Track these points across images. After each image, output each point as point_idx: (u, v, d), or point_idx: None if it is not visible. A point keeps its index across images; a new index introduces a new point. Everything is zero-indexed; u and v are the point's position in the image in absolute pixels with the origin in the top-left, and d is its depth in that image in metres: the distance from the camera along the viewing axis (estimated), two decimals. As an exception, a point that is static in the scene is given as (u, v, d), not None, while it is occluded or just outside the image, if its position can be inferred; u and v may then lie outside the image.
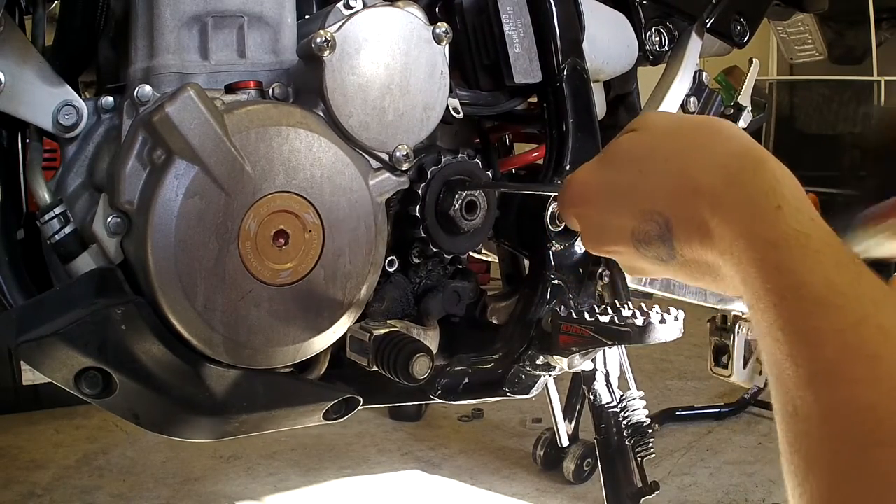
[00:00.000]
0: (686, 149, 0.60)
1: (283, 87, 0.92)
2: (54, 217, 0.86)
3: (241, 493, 2.40)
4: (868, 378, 0.46)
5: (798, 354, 0.49)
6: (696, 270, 0.60)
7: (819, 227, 0.53)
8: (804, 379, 0.48)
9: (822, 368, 0.48)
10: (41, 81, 0.87)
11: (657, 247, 0.60)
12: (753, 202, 0.54)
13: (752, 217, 0.54)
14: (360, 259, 0.91)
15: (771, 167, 0.56)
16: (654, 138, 0.63)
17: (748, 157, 0.57)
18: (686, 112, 1.32)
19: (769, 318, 0.51)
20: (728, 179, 0.56)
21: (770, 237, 0.52)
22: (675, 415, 2.91)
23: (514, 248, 1.17)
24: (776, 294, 0.51)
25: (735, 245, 0.54)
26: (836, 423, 0.46)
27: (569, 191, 0.67)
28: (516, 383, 1.10)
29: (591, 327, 1.00)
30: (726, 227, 0.55)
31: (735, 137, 0.60)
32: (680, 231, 0.59)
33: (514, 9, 1.04)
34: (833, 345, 0.48)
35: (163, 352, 0.84)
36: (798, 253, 0.51)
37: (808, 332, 0.49)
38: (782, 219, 0.52)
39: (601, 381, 1.93)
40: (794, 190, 0.55)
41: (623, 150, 0.65)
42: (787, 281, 0.50)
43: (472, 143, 1.14)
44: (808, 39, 3.94)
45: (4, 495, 2.33)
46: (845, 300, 0.48)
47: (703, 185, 0.57)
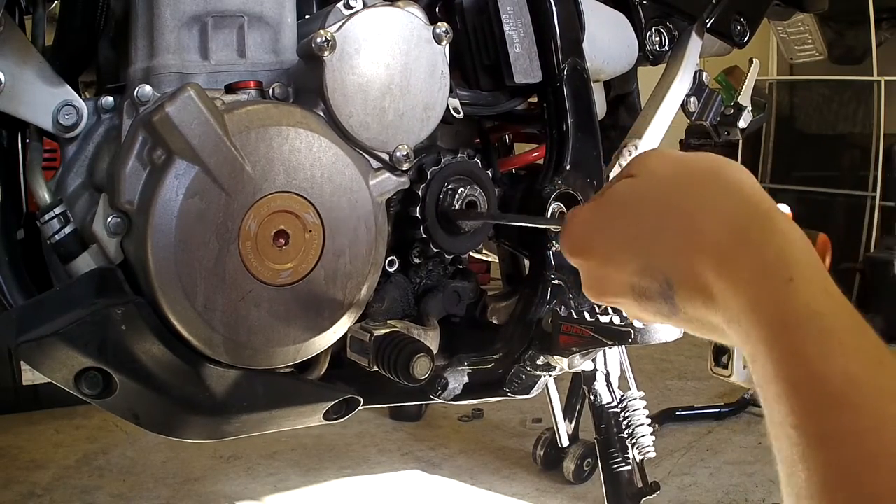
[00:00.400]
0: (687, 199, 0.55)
1: (283, 87, 0.92)
2: (54, 217, 0.86)
3: (241, 493, 2.40)
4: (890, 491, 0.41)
5: (813, 457, 0.44)
6: (702, 328, 0.56)
7: (836, 302, 0.48)
8: (817, 486, 0.44)
9: (838, 478, 0.43)
10: (41, 81, 0.87)
11: (659, 303, 0.56)
12: (762, 271, 0.49)
13: (761, 289, 0.49)
14: (360, 259, 0.91)
15: (780, 224, 0.51)
16: (655, 187, 0.58)
17: (755, 210, 0.52)
18: (686, 112, 1.32)
19: (782, 409, 0.46)
20: (734, 238, 0.51)
21: (780, 316, 0.47)
22: (675, 415, 2.90)
23: (515, 248, 1.16)
24: (789, 384, 0.46)
25: (742, 317, 0.50)
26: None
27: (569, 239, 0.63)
28: (516, 383, 1.10)
29: (592, 327, 1.00)
30: (732, 297, 0.50)
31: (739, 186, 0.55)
32: (682, 290, 0.54)
33: (514, 9, 1.04)
34: (850, 450, 0.43)
35: (163, 352, 0.84)
36: (812, 337, 0.46)
37: (823, 435, 0.44)
38: (794, 295, 0.48)
39: (601, 381, 1.94)
40: (806, 254, 0.50)
41: (621, 198, 0.60)
42: (799, 371, 0.46)
43: (472, 143, 1.14)
44: (808, 39, 3.94)
45: (4, 495, 2.33)
46: (864, 398, 0.44)
47: (706, 243, 0.52)
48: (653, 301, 0.57)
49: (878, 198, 4.25)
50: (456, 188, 1.00)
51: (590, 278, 0.62)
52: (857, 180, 4.40)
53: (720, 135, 1.38)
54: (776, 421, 0.47)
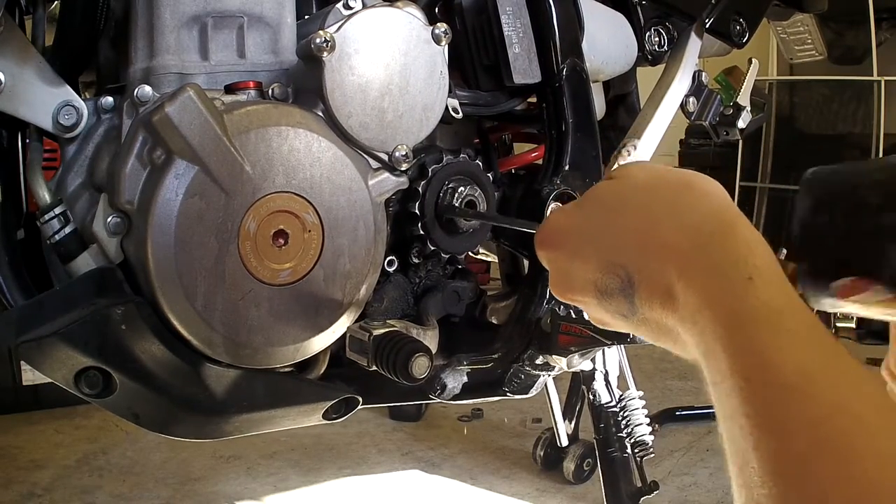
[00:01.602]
0: (658, 204, 0.57)
1: (282, 87, 0.92)
2: (54, 217, 0.86)
3: (241, 493, 2.40)
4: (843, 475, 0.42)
5: (765, 447, 0.44)
6: (656, 331, 0.57)
7: (792, 301, 0.49)
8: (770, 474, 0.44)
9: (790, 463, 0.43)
10: (41, 81, 0.87)
11: (619, 301, 0.57)
12: (722, 271, 0.50)
13: (720, 287, 0.50)
14: (359, 259, 0.91)
15: (743, 232, 0.53)
16: (629, 189, 0.60)
17: (720, 218, 0.54)
18: (686, 112, 1.32)
19: (734, 402, 0.47)
20: (697, 241, 0.53)
21: (738, 312, 0.48)
22: (675, 415, 2.90)
23: (514, 248, 1.17)
24: (741, 376, 0.47)
25: (699, 315, 0.50)
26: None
27: (541, 232, 0.64)
28: (516, 383, 1.11)
29: (591, 327, 1.01)
30: (691, 294, 0.51)
31: (710, 196, 0.56)
32: (642, 289, 0.55)
33: (513, 9, 1.04)
34: (804, 438, 0.43)
35: (163, 351, 0.84)
36: (767, 332, 0.47)
37: (777, 423, 0.44)
38: (752, 292, 0.49)
39: (600, 380, 1.94)
40: (767, 259, 0.51)
41: (597, 197, 0.62)
42: (754, 363, 0.46)
43: (471, 143, 1.14)
44: (807, 39, 3.94)
45: (4, 495, 2.33)
46: (818, 388, 0.44)
47: (670, 245, 0.54)
48: (613, 299, 0.58)
49: (878, 198, 4.24)
50: (456, 187, 1.01)
51: (556, 274, 0.63)
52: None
53: (719, 135, 1.39)
54: (727, 415, 0.47)
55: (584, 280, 0.59)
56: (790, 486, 0.43)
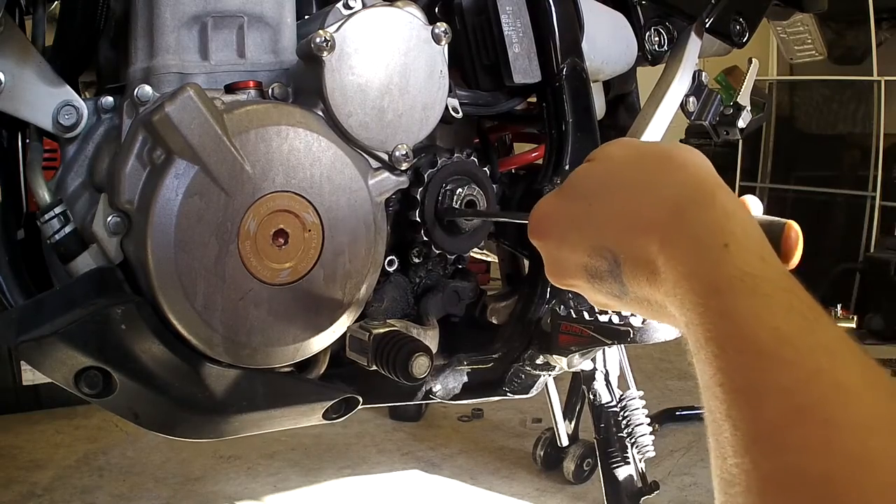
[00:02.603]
0: (636, 182, 0.57)
1: (282, 87, 0.92)
2: (54, 217, 0.86)
3: (241, 493, 2.40)
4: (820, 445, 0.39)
5: (738, 416, 0.43)
6: (650, 307, 0.56)
7: (771, 267, 0.48)
8: (743, 444, 0.42)
9: (763, 432, 0.41)
10: (41, 81, 0.87)
11: (609, 283, 0.57)
12: (699, 240, 0.50)
13: (697, 257, 0.49)
14: (359, 258, 0.91)
15: (721, 200, 0.52)
16: (608, 170, 0.60)
17: (698, 189, 0.53)
18: (686, 112, 1.32)
19: (709, 370, 0.45)
20: (675, 214, 0.52)
21: (713, 279, 0.47)
22: (675, 415, 2.90)
23: (514, 247, 1.17)
24: (716, 344, 0.45)
25: (678, 287, 0.50)
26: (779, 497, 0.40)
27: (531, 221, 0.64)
28: (516, 383, 1.11)
29: (591, 327, 1.01)
30: (670, 266, 0.51)
31: (688, 167, 0.56)
32: (628, 268, 0.55)
33: (513, 9, 1.04)
34: (777, 405, 0.41)
35: (163, 351, 0.84)
36: (743, 298, 0.46)
37: (749, 389, 0.43)
38: (728, 259, 0.48)
39: (601, 380, 1.94)
40: (745, 227, 0.50)
41: (577, 182, 0.62)
42: (729, 330, 0.45)
43: (471, 142, 1.14)
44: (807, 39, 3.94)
45: (4, 495, 2.33)
46: (795, 353, 0.42)
47: (650, 220, 0.53)
48: (604, 281, 0.58)
49: (878, 198, 4.25)
50: (454, 189, 1.01)
51: (549, 261, 0.64)
52: (857, 180, 4.41)
53: (719, 135, 1.39)
54: (706, 384, 0.46)
55: (574, 266, 0.60)
56: (763, 456, 0.41)
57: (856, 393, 0.41)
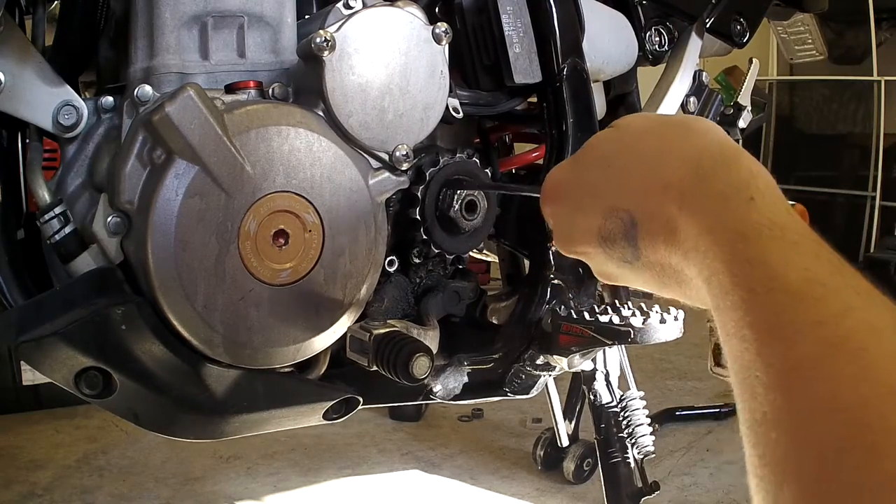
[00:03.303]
0: (657, 147, 0.57)
1: (283, 87, 0.92)
2: (54, 217, 0.86)
3: (241, 493, 2.40)
4: (855, 374, 0.39)
5: (769, 352, 0.43)
6: (661, 274, 0.56)
7: (796, 220, 0.48)
8: (775, 379, 0.42)
9: (797, 365, 0.41)
10: (41, 81, 0.87)
11: (622, 247, 0.57)
12: (723, 195, 0.50)
13: (722, 209, 0.49)
14: (359, 259, 0.91)
15: (746, 162, 0.53)
16: (628, 136, 0.60)
17: (722, 152, 0.54)
18: (686, 112, 1.32)
19: (737, 314, 0.45)
20: (698, 174, 0.53)
21: (740, 228, 0.48)
22: (675, 415, 2.91)
23: (514, 247, 1.17)
24: (745, 287, 0.45)
25: (701, 240, 0.50)
26: (815, 427, 0.39)
27: (543, 189, 0.65)
28: (516, 383, 1.11)
29: (591, 327, 1.01)
30: (693, 222, 0.51)
31: (710, 133, 0.57)
32: (644, 229, 0.55)
33: (513, 9, 1.04)
34: (812, 339, 0.41)
35: (163, 352, 0.84)
36: (771, 244, 0.46)
37: (782, 326, 0.43)
38: (755, 209, 0.48)
39: (601, 380, 1.94)
40: (769, 185, 0.51)
41: (596, 147, 0.62)
42: (759, 273, 0.45)
43: (472, 142, 1.14)
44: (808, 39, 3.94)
45: (4, 495, 2.33)
46: (825, 291, 0.43)
47: (671, 181, 0.54)
48: (617, 245, 0.58)
49: (878, 198, 4.25)
50: (458, 179, 1.00)
51: (559, 226, 0.64)
52: (857, 180, 4.41)
53: (720, 135, 1.38)
54: (731, 331, 0.46)
55: (587, 229, 0.60)
56: (798, 390, 0.41)
57: (886, 329, 0.41)
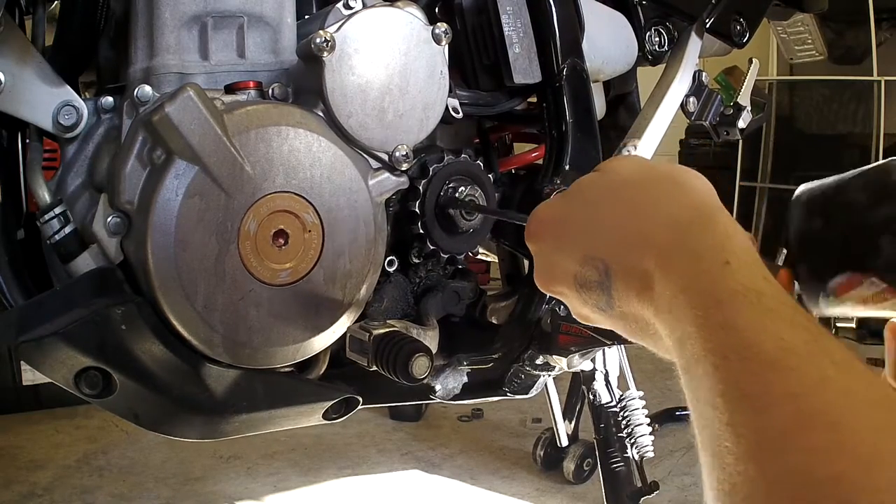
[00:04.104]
0: (639, 198, 0.57)
1: (282, 87, 0.92)
2: (54, 217, 0.86)
3: (241, 493, 2.40)
4: (828, 447, 0.38)
5: (740, 422, 0.42)
6: (633, 325, 0.57)
7: (772, 286, 0.47)
8: (746, 450, 0.41)
9: (769, 437, 0.40)
10: (41, 81, 0.87)
11: (597, 295, 0.57)
12: (698, 257, 0.50)
13: (697, 272, 0.49)
14: (359, 259, 0.91)
15: (722, 222, 0.52)
16: (612, 184, 0.60)
17: (700, 210, 0.54)
18: (686, 112, 1.32)
19: (707, 382, 0.44)
20: (675, 232, 0.52)
21: (714, 293, 0.47)
22: (675, 415, 2.91)
23: (514, 248, 1.17)
24: (718, 354, 0.44)
25: (675, 302, 0.49)
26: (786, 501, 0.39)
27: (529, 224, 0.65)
28: (516, 383, 1.11)
29: (591, 327, 1.00)
30: (668, 283, 0.50)
31: (692, 188, 0.56)
32: (619, 281, 0.55)
33: (513, 9, 1.04)
34: (785, 410, 0.40)
35: (163, 352, 0.84)
36: (746, 310, 0.45)
37: (755, 396, 0.42)
38: (730, 274, 0.47)
39: (601, 380, 1.94)
40: (745, 247, 0.50)
41: (581, 191, 0.62)
42: (732, 340, 0.44)
43: (471, 143, 1.14)
44: (808, 39, 3.94)
45: (4, 495, 2.33)
46: (800, 361, 0.42)
47: (649, 236, 0.53)
48: (592, 292, 0.58)
49: (878, 198, 4.24)
50: (456, 187, 1.01)
51: (540, 264, 0.64)
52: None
53: (719, 135, 1.38)
54: (701, 398, 0.45)
55: (565, 272, 0.60)
56: (770, 461, 0.40)
57: (862, 400, 0.41)
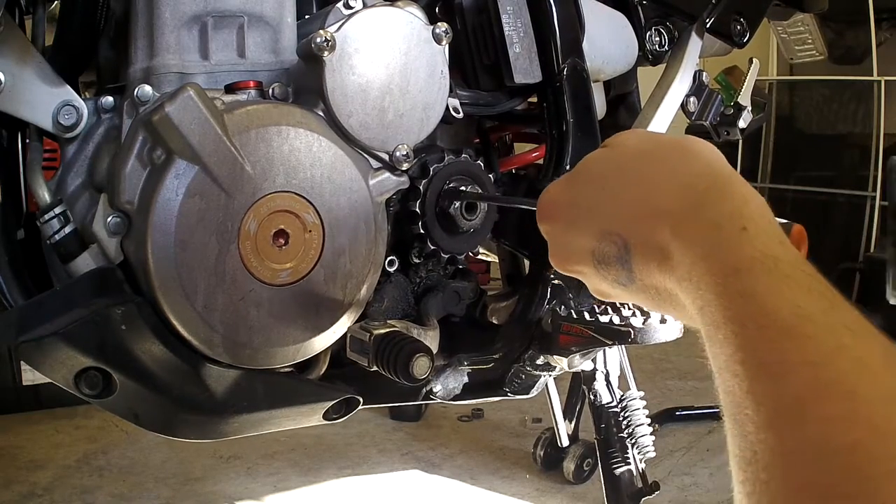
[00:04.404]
0: (651, 170, 0.57)
1: (283, 86, 0.92)
2: (54, 217, 0.86)
3: (241, 493, 2.40)
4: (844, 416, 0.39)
5: (759, 391, 0.42)
6: (656, 296, 0.56)
7: (789, 251, 0.48)
8: (765, 419, 0.41)
9: (787, 406, 0.41)
10: (41, 81, 0.87)
11: (616, 270, 0.57)
12: (716, 224, 0.50)
13: (715, 240, 0.49)
14: (360, 259, 0.91)
15: (738, 188, 0.52)
16: (622, 157, 0.60)
17: (714, 177, 0.53)
18: (686, 112, 1.32)
19: (728, 350, 0.45)
20: (691, 201, 0.52)
21: (732, 261, 0.47)
22: (675, 415, 2.91)
23: (515, 248, 1.17)
24: (736, 322, 0.45)
25: (694, 270, 0.49)
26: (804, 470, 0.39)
27: (539, 206, 0.65)
28: (516, 383, 1.11)
29: (592, 327, 1.01)
30: (686, 251, 0.51)
31: (703, 155, 0.56)
32: (638, 254, 0.55)
33: (514, 9, 1.04)
34: (802, 379, 0.41)
35: (163, 352, 0.84)
36: (764, 277, 0.46)
37: (773, 364, 0.42)
38: (747, 241, 0.48)
39: (601, 380, 1.94)
40: (762, 213, 0.50)
41: (590, 167, 0.62)
42: (750, 308, 0.45)
43: (472, 142, 1.14)
44: (808, 39, 3.94)
45: (4, 495, 2.33)
46: (816, 329, 0.42)
47: (664, 207, 0.53)
48: (611, 267, 0.57)
49: (878, 198, 4.25)
50: (457, 187, 1.01)
51: (555, 245, 0.64)
52: (857, 180, 4.40)
53: (720, 135, 1.38)
54: (722, 365, 0.45)
55: (581, 250, 0.59)
56: (788, 430, 0.40)
57: (878, 369, 0.41)
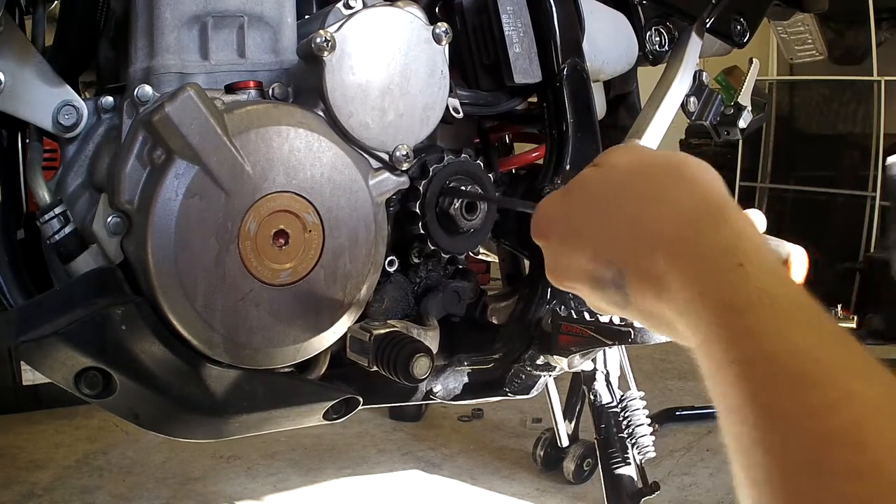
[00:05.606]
0: (644, 194, 0.56)
1: (283, 87, 0.92)
2: (54, 217, 0.86)
3: (241, 493, 2.40)
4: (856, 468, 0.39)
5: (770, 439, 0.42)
6: (653, 320, 0.56)
7: (787, 285, 0.47)
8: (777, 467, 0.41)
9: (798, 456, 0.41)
10: (41, 81, 0.87)
11: (612, 292, 0.56)
12: (711, 259, 0.49)
13: (711, 276, 0.48)
14: (360, 259, 0.91)
15: (733, 218, 0.51)
16: (615, 179, 0.59)
17: (707, 204, 0.52)
18: (686, 112, 1.32)
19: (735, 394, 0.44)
20: (684, 230, 0.51)
21: (730, 299, 0.46)
22: (675, 415, 2.90)
23: (515, 248, 1.17)
24: (742, 366, 0.44)
25: (692, 306, 0.49)
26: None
27: (534, 220, 0.64)
28: (516, 383, 1.11)
29: (591, 327, 1.01)
30: (683, 285, 0.50)
31: (697, 181, 0.55)
32: (633, 282, 0.54)
33: (514, 9, 1.04)
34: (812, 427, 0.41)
35: (163, 352, 0.84)
36: (765, 317, 0.45)
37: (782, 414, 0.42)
38: (744, 278, 0.47)
39: (601, 381, 1.94)
40: (757, 245, 0.49)
41: (582, 186, 0.61)
42: (756, 350, 0.44)
43: (472, 142, 1.14)
44: (808, 39, 3.94)
45: (4, 495, 2.33)
46: (824, 374, 0.42)
47: (657, 234, 0.52)
48: (607, 290, 0.57)
49: (878, 198, 4.25)
50: (457, 187, 1.01)
51: (550, 261, 0.63)
52: (857, 180, 4.40)
53: (720, 135, 1.38)
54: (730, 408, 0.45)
55: (577, 269, 0.59)
56: (802, 482, 0.40)
57: (886, 411, 0.41)
